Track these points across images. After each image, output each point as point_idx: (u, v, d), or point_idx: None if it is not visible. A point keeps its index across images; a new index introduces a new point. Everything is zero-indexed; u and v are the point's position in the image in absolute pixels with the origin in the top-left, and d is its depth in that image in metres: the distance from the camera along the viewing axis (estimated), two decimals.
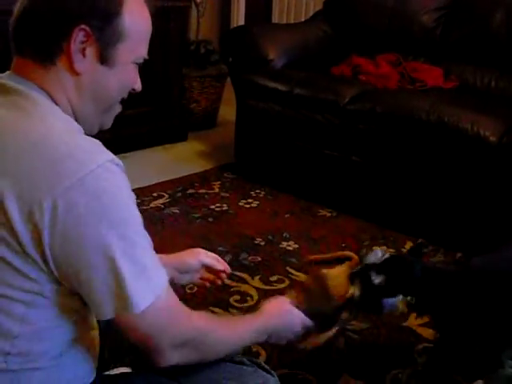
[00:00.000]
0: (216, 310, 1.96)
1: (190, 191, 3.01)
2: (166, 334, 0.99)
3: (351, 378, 1.68)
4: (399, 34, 3.30)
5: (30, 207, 0.87)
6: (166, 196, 2.91)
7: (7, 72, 1.02)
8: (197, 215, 2.74)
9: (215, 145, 3.79)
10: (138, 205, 0.96)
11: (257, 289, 2.13)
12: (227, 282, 2.06)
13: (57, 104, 0.99)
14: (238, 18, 5.07)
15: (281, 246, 2.48)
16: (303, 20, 4.13)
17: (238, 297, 2.04)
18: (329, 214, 2.81)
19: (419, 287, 1.40)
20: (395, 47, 3.27)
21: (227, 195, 2.99)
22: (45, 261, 0.90)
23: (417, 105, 2.57)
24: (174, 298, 1.01)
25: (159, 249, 1.07)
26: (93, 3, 0.97)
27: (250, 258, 2.37)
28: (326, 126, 2.82)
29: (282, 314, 1.28)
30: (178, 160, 3.49)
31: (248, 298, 2.07)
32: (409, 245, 2.50)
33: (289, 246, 2.48)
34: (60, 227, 0.88)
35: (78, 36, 0.96)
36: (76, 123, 1.00)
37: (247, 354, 1.72)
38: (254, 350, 1.76)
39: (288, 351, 1.70)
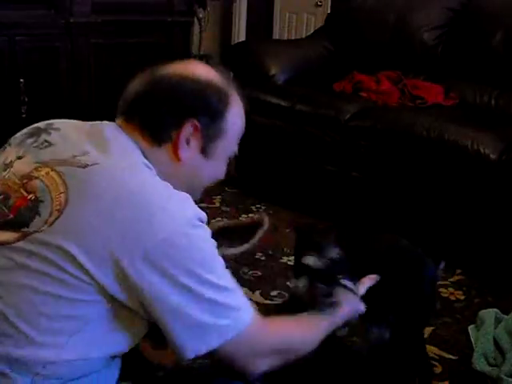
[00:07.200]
0: None
1: None
2: (250, 357, 1.06)
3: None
4: (400, 51, 3.33)
5: (116, 253, 0.92)
6: None
7: (113, 124, 1.08)
8: None
9: None
10: None
11: (257, 303, 2.11)
12: None
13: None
14: (239, 33, 5.12)
15: (281, 260, 2.48)
16: (304, 36, 4.16)
17: None
18: None
19: None
20: (396, 64, 3.29)
21: (228, 209, 3.00)
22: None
23: (417, 122, 2.58)
24: (256, 327, 1.04)
25: None
26: (206, 102, 1.08)
27: (250, 272, 2.37)
28: (326, 142, 2.83)
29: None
30: None
31: None
32: None
33: (289, 260, 2.47)
34: (146, 272, 0.93)
35: (188, 128, 1.06)
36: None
37: None
38: None
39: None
